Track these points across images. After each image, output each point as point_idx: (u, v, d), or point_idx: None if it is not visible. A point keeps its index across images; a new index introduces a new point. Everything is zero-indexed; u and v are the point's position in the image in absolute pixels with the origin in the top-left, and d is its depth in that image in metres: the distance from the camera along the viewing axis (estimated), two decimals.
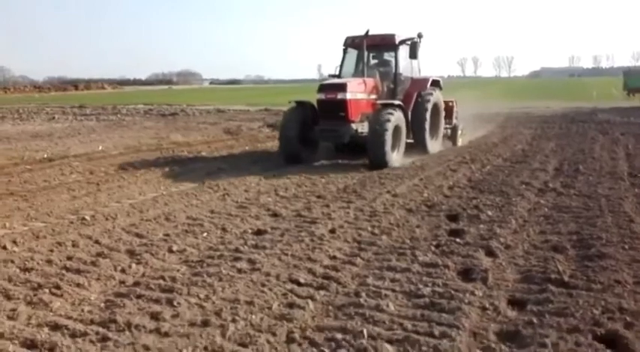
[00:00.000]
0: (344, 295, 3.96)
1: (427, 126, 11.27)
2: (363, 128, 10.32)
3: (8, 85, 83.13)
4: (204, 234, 5.66)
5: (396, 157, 10.10)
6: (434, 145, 11.79)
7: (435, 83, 12.17)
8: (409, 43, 11.33)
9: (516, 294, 3.92)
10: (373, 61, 12.11)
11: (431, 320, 3.48)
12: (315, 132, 10.49)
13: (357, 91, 10.39)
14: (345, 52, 12.04)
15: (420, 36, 11.49)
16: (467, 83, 78.99)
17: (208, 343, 3.20)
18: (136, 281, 4.32)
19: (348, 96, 10.06)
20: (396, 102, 10.65)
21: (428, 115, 11.26)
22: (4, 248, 5.28)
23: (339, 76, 11.78)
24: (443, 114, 12.36)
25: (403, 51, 11.54)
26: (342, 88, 10.12)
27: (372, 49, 11.63)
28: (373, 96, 10.84)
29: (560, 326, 3.34)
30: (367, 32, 10.92)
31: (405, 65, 11.75)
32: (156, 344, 3.19)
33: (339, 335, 3.28)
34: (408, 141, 10.80)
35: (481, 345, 3.18)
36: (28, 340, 3.30)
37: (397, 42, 11.37)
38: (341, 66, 12.01)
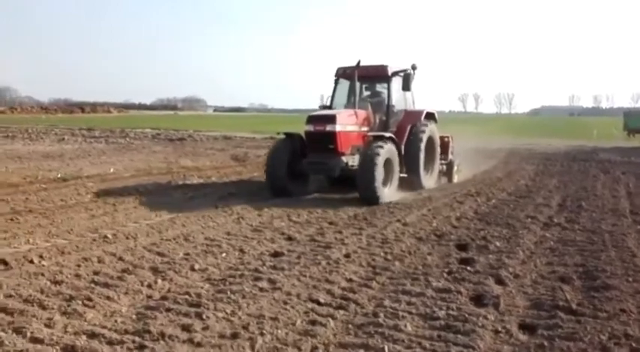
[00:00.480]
0: (363, 315, 4.17)
1: (421, 159, 11.04)
2: (353, 161, 9.98)
3: (14, 105, 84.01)
4: (223, 255, 5.88)
5: (387, 192, 9.72)
6: (428, 180, 11.57)
7: (430, 116, 11.88)
8: (402, 74, 11.06)
9: (527, 320, 4.12)
10: (366, 93, 11.96)
11: (447, 340, 3.69)
12: (304, 165, 10.15)
13: (348, 123, 10.13)
14: (336, 82, 11.87)
15: (414, 68, 11.26)
16: (468, 119, 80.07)
17: None
18: (163, 295, 4.53)
19: (338, 128, 9.77)
20: (387, 134, 10.30)
21: (422, 148, 11.01)
22: (32, 262, 5.50)
23: (330, 107, 11.59)
24: (438, 148, 12.12)
25: (396, 82, 11.27)
26: (332, 119, 9.84)
27: (364, 80, 11.53)
28: (365, 129, 10.57)
29: (570, 350, 3.54)
30: (359, 63, 10.66)
31: (398, 97, 11.50)
32: None
33: (361, 351, 3.48)
34: (402, 175, 10.48)
35: None
36: (68, 346, 3.49)
37: (390, 73, 11.14)
38: (332, 97, 11.85)
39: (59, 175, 12.63)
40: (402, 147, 10.70)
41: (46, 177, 12.23)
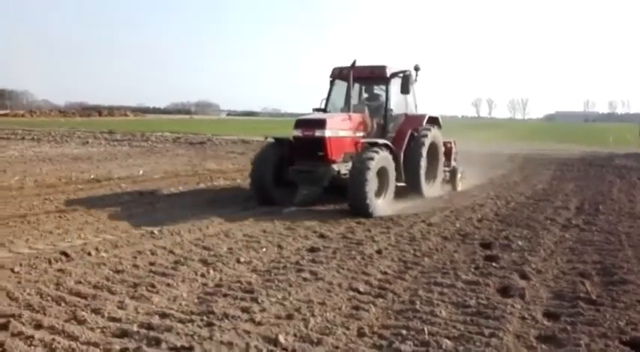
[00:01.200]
0: (400, 303, 4.60)
1: (422, 167, 10.29)
2: (346, 169, 9.11)
3: (31, 108, 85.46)
4: (264, 249, 6.35)
5: (381, 203, 8.93)
6: (430, 189, 10.77)
7: (433, 121, 11.17)
8: (402, 75, 10.28)
9: (550, 308, 4.52)
10: (364, 95, 11.27)
11: (479, 324, 4.10)
12: (290, 173, 9.35)
13: (340, 128, 9.33)
14: (332, 84, 11.01)
15: (416, 68, 10.66)
16: (482, 124, 79.98)
17: (296, 330, 3.86)
18: (217, 283, 5.00)
19: (328, 133, 8.96)
20: (381, 141, 9.52)
21: (423, 155, 10.27)
22: (90, 254, 6.00)
23: (325, 111, 10.71)
24: (442, 155, 11.40)
25: (396, 84, 10.44)
26: (321, 124, 9.02)
27: (362, 81, 10.91)
28: (360, 134, 9.79)
29: (591, 333, 3.93)
30: (354, 63, 9.87)
31: (397, 100, 10.74)
32: (254, 330, 3.85)
33: (403, 332, 3.91)
34: (400, 184, 9.77)
35: (524, 344, 3.78)
36: (144, 324, 3.97)
37: (389, 75, 10.34)
38: (327, 99, 10.96)
39: (92, 176, 13.21)
40: (402, 154, 10.06)
41: (80, 179, 12.81)
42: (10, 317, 4.04)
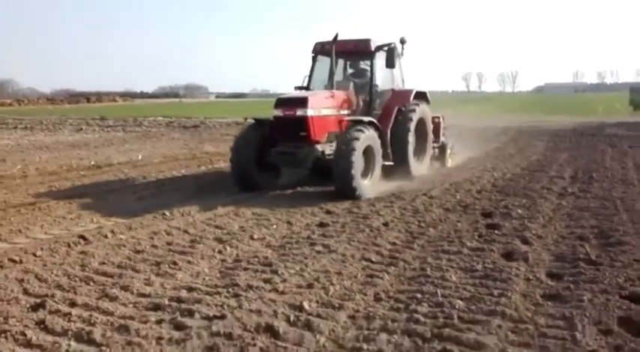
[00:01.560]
0: (411, 270, 4.86)
1: (410, 145, 9.84)
2: (331, 149, 8.73)
3: (18, 97, 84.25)
4: (274, 226, 6.58)
5: (367, 184, 8.58)
6: (419, 167, 10.36)
7: (421, 96, 10.68)
8: (387, 49, 9.71)
9: (553, 270, 4.80)
10: (350, 71, 10.72)
11: (488, 286, 4.38)
12: (272, 155, 8.93)
13: (323, 106, 8.86)
14: (314, 60, 10.40)
15: (402, 41, 10.18)
16: (472, 98, 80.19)
17: (318, 298, 4.12)
18: (235, 259, 5.24)
19: (310, 112, 8.52)
20: (367, 118, 9.07)
21: (411, 133, 9.84)
22: (106, 237, 6.19)
23: (307, 88, 10.19)
24: (431, 132, 10.95)
25: (381, 59, 9.87)
26: (303, 102, 8.59)
27: (346, 56, 10.39)
28: (344, 112, 9.35)
29: (593, 290, 4.22)
30: (336, 37, 9.37)
31: (384, 75, 10.25)
32: (279, 298, 4.09)
33: (418, 295, 4.18)
34: (388, 163, 9.46)
35: (531, 302, 4.06)
36: (174, 297, 4.20)
37: (373, 48, 9.79)
38: (310, 76, 10.37)
39: (92, 163, 13.32)
40: (388, 131, 9.64)
41: (81, 165, 12.92)
42: (44, 297, 4.24)
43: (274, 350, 3.33)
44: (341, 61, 10.44)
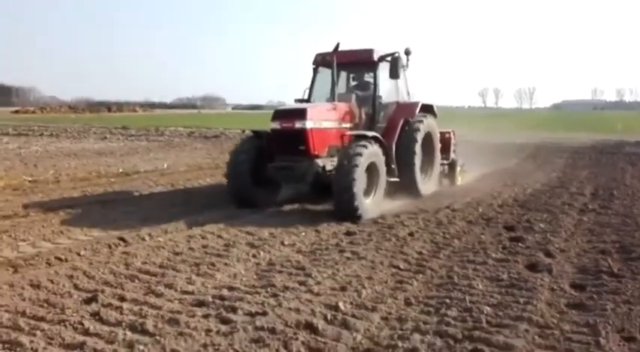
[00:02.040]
0: (439, 278, 5.07)
1: (417, 161, 9.43)
2: (332, 164, 8.29)
3: (39, 104, 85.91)
4: (303, 234, 6.84)
5: (370, 203, 8.13)
6: (426, 185, 9.95)
7: (427, 109, 10.28)
8: (390, 59, 9.36)
9: (576, 281, 4.98)
10: (352, 83, 10.42)
11: (514, 294, 4.57)
12: (270, 170, 8.47)
13: (323, 119, 8.48)
14: (315, 71, 10.03)
15: (407, 52, 9.72)
16: (489, 114, 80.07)
17: (352, 300, 4.36)
18: (269, 262, 5.51)
19: (309, 124, 8.14)
20: (370, 133, 8.63)
21: (417, 147, 9.43)
22: (144, 239, 6.52)
23: (308, 101, 9.81)
24: (438, 146, 10.47)
25: (384, 70, 9.42)
26: (302, 114, 8.20)
27: (348, 67, 10.02)
28: (346, 125, 8.97)
29: (615, 300, 4.39)
30: (337, 47, 9.05)
31: (388, 87, 9.88)
32: (315, 299, 4.34)
33: (447, 300, 4.39)
34: (393, 179, 9.00)
35: (556, 310, 4.25)
36: (216, 295, 4.47)
37: (376, 58, 9.46)
38: (310, 88, 10.00)
39: (120, 170, 13.75)
40: (393, 146, 9.22)
41: (110, 172, 13.36)
42: (94, 291, 4.55)
43: (315, 344, 3.57)
44: (344, 73, 10.20)
